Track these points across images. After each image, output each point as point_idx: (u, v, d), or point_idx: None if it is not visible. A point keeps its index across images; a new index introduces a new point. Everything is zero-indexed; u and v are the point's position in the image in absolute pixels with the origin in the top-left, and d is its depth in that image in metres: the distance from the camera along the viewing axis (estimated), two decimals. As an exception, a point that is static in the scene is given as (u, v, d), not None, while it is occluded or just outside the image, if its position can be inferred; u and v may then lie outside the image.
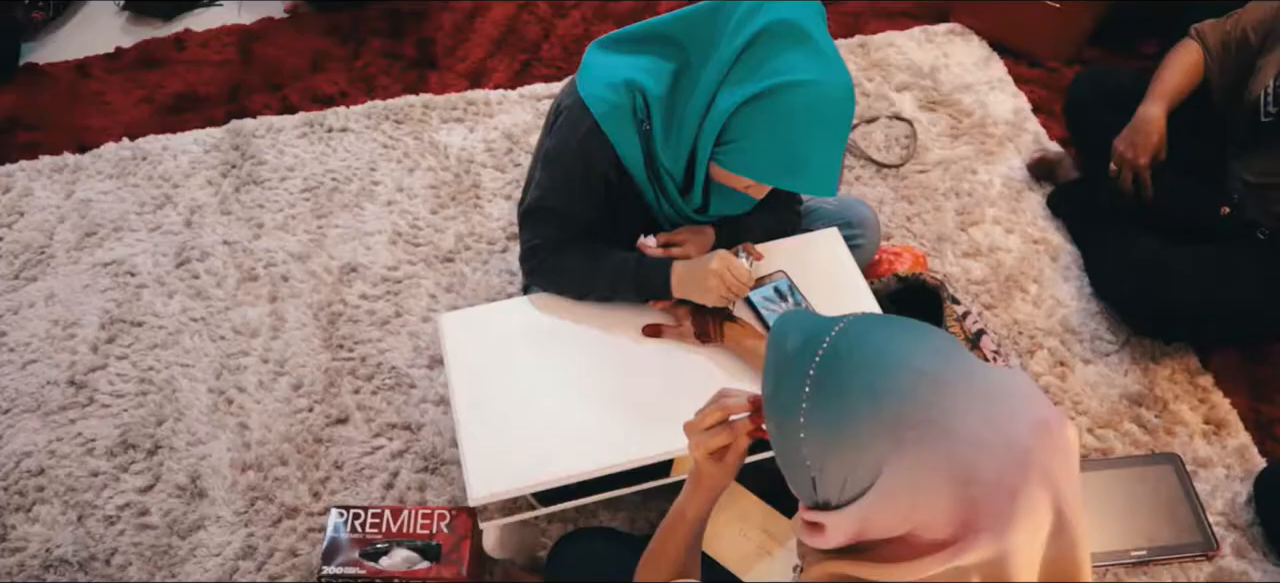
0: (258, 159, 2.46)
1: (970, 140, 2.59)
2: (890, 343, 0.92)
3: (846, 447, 0.87)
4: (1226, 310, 2.03)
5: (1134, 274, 2.11)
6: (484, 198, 2.40)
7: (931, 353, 0.91)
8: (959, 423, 0.85)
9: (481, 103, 2.64)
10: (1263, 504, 1.88)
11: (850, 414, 0.87)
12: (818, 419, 0.89)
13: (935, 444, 0.84)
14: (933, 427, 0.85)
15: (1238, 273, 2.03)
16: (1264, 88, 1.96)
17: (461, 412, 1.61)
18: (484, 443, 1.57)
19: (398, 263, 2.25)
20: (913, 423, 0.85)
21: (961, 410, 0.85)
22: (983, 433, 0.85)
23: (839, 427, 0.88)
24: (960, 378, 0.88)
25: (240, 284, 2.20)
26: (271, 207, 2.36)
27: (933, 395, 0.86)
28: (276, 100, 2.65)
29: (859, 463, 0.87)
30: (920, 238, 2.35)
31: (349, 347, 2.09)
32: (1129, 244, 2.16)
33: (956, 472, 0.84)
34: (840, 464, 0.88)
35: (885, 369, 0.88)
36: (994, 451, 0.85)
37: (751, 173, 1.59)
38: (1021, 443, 0.85)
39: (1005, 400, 0.87)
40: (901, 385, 0.87)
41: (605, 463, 1.56)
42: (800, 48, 1.52)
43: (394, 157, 2.49)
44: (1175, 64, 2.17)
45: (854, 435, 0.87)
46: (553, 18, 2.96)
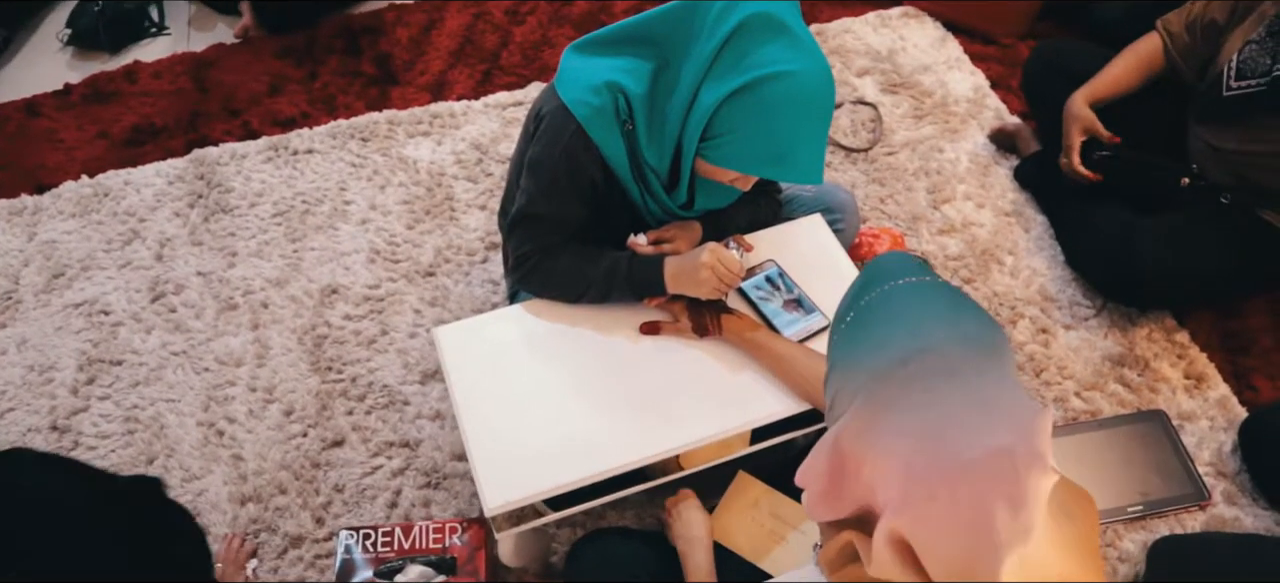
0: (224, 187, 2.42)
1: (934, 120, 2.63)
2: (933, 314, 0.98)
3: (843, 364, 1.00)
4: (1195, 277, 2.09)
5: (1104, 246, 2.17)
6: (459, 210, 2.39)
7: (957, 341, 0.95)
8: (925, 410, 0.91)
9: (446, 115, 2.63)
10: (1248, 452, 1.93)
11: (859, 343, 0.99)
12: (843, 330, 1.04)
13: (899, 413, 0.92)
14: (905, 398, 0.92)
15: (1203, 240, 2.09)
16: (1227, 63, 2.02)
17: (468, 423, 1.60)
18: (494, 452, 1.57)
19: (378, 281, 2.23)
20: (896, 383, 0.93)
21: (933, 401, 0.92)
22: (937, 430, 0.90)
23: (848, 346, 1.01)
24: (962, 375, 0.93)
25: (219, 314, 2.16)
26: (243, 234, 2.32)
27: (925, 375, 0.93)
28: (237, 126, 2.61)
29: (845, 387, 0.98)
30: (895, 219, 2.39)
31: (338, 368, 2.07)
32: (1097, 217, 2.21)
33: (897, 448, 0.91)
34: (835, 378, 1.02)
35: (910, 331, 0.97)
36: (931, 449, 0.90)
37: (739, 166, 1.60)
38: (965, 457, 0.88)
39: (982, 415, 0.91)
40: (906, 351, 0.95)
41: (617, 463, 1.56)
42: (779, 39, 1.53)
43: (364, 175, 2.46)
44: (1123, 57, 2.22)
45: (852, 359, 0.99)
46: (509, 26, 2.95)
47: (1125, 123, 2.20)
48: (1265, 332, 2.20)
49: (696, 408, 1.63)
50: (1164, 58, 2.17)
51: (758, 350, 1.66)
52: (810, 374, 1.61)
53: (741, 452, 1.69)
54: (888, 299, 1.01)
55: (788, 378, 1.64)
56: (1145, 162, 2.18)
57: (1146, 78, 2.20)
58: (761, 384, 1.65)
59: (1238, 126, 2.01)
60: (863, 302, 1.03)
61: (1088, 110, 2.19)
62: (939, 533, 0.88)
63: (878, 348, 0.97)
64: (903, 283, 1.02)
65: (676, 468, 1.67)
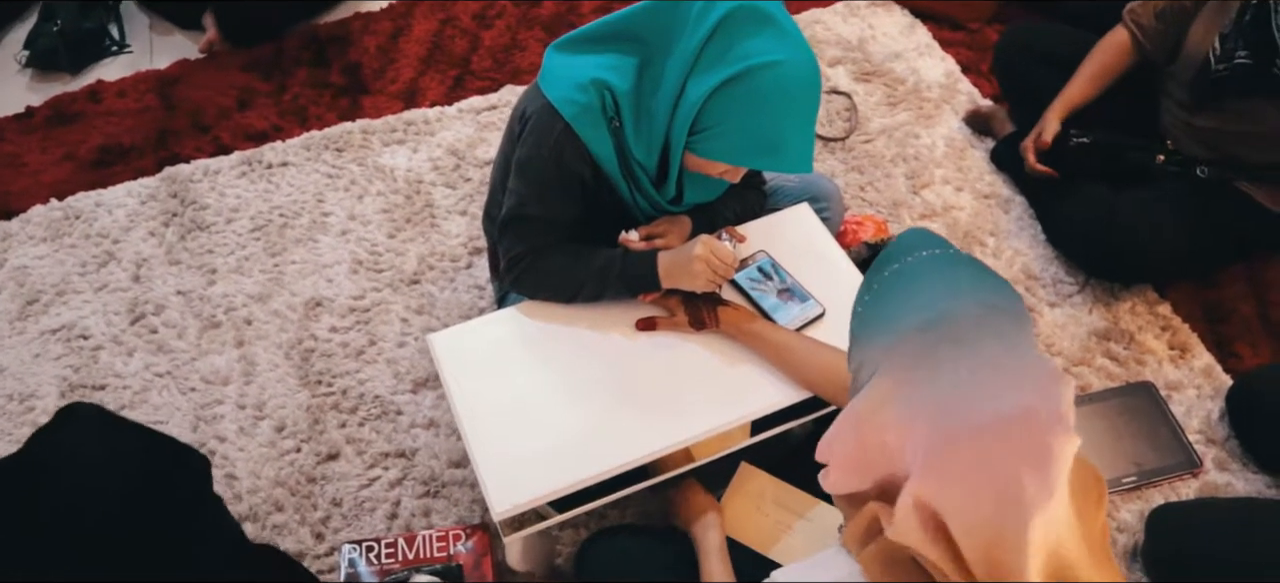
0: (199, 204, 2.38)
1: (908, 107, 2.65)
2: (954, 282, 1.00)
3: (865, 337, 1.02)
4: (1175, 248, 2.13)
5: (1084, 224, 2.20)
6: (439, 216, 2.37)
7: (978, 307, 0.96)
8: (948, 374, 0.93)
9: (420, 122, 2.60)
10: (1236, 418, 1.97)
11: (881, 314, 1.01)
12: (867, 303, 1.05)
13: (922, 378, 0.93)
14: (928, 363, 0.94)
15: (1181, 212, 2.12)
16: (1212, 47, 2.04)
17: (469, 428, 1.59)
18: (497, 457, 1.56)
19: (363, 292, 2.20)
20: (918, 348, 0.95)
21: (956, 365, 0.93)
22: (960, 393, 0.92)
23: (870, 319, 1.03)
24: (983, 339, 0.94)
25: (202, 333, 2.13)
26: (221, 251, 2.29)
27: (947, 340, 0.94)
28: (207, 142, 2.57)
29: (868, 358, 1.00)
30: (876, 206, 2.40)
31: (327, 381, 2.04)
32: (1075, 195, 2.24)
33: (920, 413, 0.92)
34: (857, 351, 1.04)
35: (931, 299, 0.98)
36: (955, 412, 0.91)
37: (729, 157, 1.61)
38: (989, 417, 0.90)
39: (1005, 377, 0.92)
40: (927, 318, 0.96)
41: (621, 461, 1.56)
42: (765, 30, 1.54)
43: (341, 185, 2.43)
44: (1090, 62, 2.26)
45: (875, 331, 1.01)
46: (478, 30, 2.93)
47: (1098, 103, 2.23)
48: (1242, 300, 2.24)
49: (697, 402, 1.63)
50: (1134, 49, 2.20)
51: (756, 341, 1.66)
52: (810, 362, 1.61)
53: (742, 444, 1.69)
54: (909, 272, 1.02)
55: (787, 367, 1.64)
56: (1120, 141, 2.21)
57: (1117, 76, 2.24)
58: (760, 375, 1.65)
59: (1218, 104, 2.05)
60: (885, 273, 1.05)
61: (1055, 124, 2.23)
62: (964, 496, 0.89)
63: (899, 317, 0.98)
64: (924, 256, 1.03)
65: (678, 463, 1.67)
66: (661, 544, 1.58)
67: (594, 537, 1.60)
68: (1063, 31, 2.46)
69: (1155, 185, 2.17)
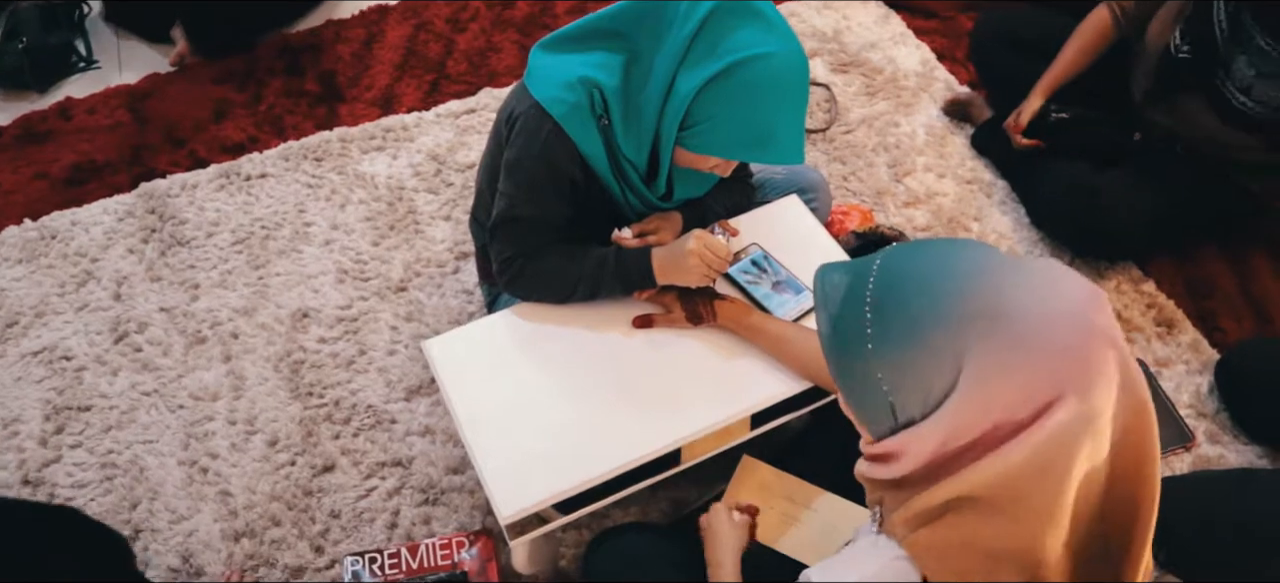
0: (178, 219, 2.34)
1: (886, 96, 2.66)
2: (934, 254, 0.98)
3: (922, 355, 0.91)
4: (1159, 223, 2.15)
5: (1069, 203, 2.23)
6: (423, 222, 2.35)
7: (972, 252, 0.96)
8: (1018, 304, 0.90)
9: (398, 128, 2.58)
10: (1225, 391, 1.99)
11: (918, 324, 0.92)
12: (887, 339, 0.94)
13: (1003, 328, 0.89)
14: (996, 313, 0.89)
15: (1161, 187, 2.15)
16: (1172, 36, 2.07)
17: (470, 433, 1.57)
18: (500, 461, 1.54)
19: (350, 301, 2.18)
20: (977, 314, 0.90)
21: (1016, 293, 0.91)
22: (1041, 308, 0.90)
23: (910, 338, 0.92)
24: (1005, 267, 0.94)
25: (188, 349, 2.10)
26: (204, 265, 2.25)
27: (986, 286, 0.91)
28: (183, 156, 2.53)
29: (938, 368, 0.91)
30: (859, 195, 2.41)
31: (318, 393, 2.01)
32: (1057, 175, 2.27)
33: (1028, 347, 0.88)
34: (919, 375, 0.92)
35: (938, 275, 0.94)
36: (1056, 320, 0.89)
37: (720, 151, 1.60)
38: (1078, 309, 0.90)
39: (1050, 277, 0.93)
40: (957, 285, 0.92)
41: (625, 460, 1.55)
42: (753, 23, 1.54)
43: (321, 195, 2.41)
44: (1072, 43, 2.28)
45: (926, 343, 0.91)
46: (451, 34, 2.91)
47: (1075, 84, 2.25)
48: (1223, 275, 2.27)
49: (698, 397, 1.63)
50: (1114, 30, 2.22)
51: (754, 334, 1.66)
52: (809, 352, 1.61)
53: (742, 438, 1.68)
54: (890, 277, 0.96)
55: (787, 358, 1.64)
56: (1097, 119, 2.23)
57: (1098, 56, 2.26)
58: (759, 368, 1.65)
59: (1168, 99, 2.09)
60: (868, 300, 0.96)
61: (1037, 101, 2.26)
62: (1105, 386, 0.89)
63: (935, 302, 0.92)
64: (880, 260, 0.98)
65: (678, 460, 1.66)
66: (669, 541, 1.57)
67: (601, 536, 1.59)
68: (1037, 15, 2.48)
69: (1135, 162, 2.20)
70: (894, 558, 1.03)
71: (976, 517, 0.95)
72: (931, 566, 1.00)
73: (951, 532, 0.97)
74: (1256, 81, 1.94)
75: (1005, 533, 0.93)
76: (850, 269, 1.01)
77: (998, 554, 0.95)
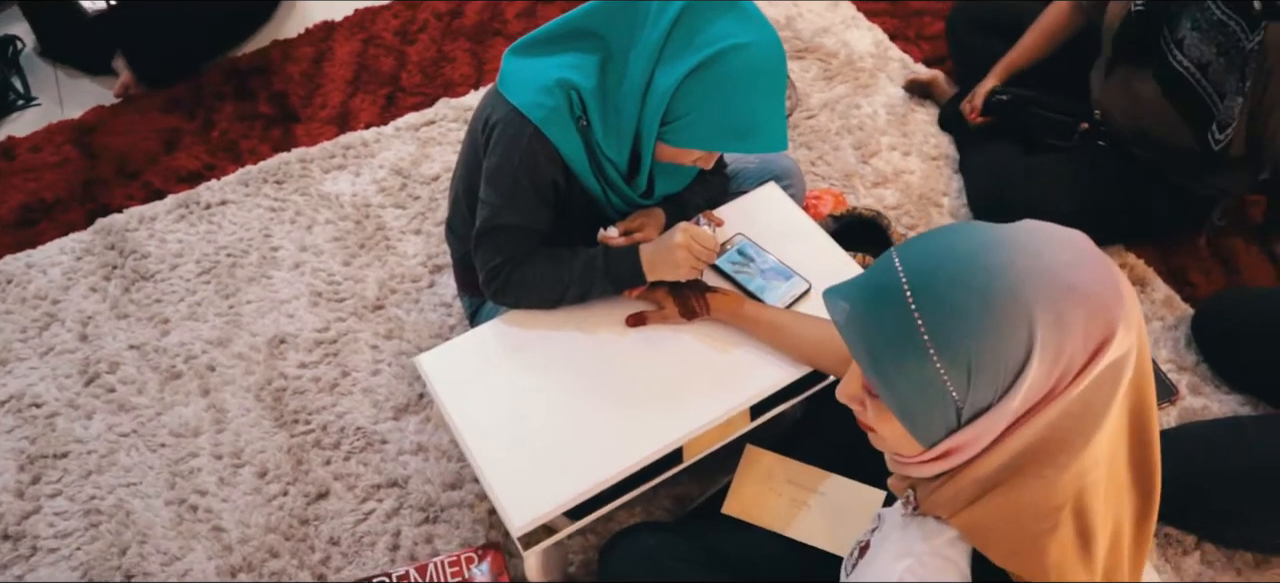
0: (139, 253, 2.28)
1: (845, 79, 2.68)
2: (955, 237, 0.97)
3: (992, 340, 0.89)
4: (1075, 214, 2.15)
5: (982, 182, 2.26)
6: (393, 238, 2.31)
7: (983, 228, 0.96)
8: (1052, 258, 0.91)
9: (358, 145, 2.54)
10: (1203, 343, 2.04)
11: (979, 312, 0.89)
12: (949, 332, 0.90)
13: (1052, 285, 0.89)
14: (1042, 273, 0.90)
15: (1089, 178, 2.17)
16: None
17: (474, 447, 1.55)
18: (507, 472, 1.53)
19: (327, 324, 2.13)
20: (1026, 280, 0.89)
21: (1044, 249, 0.91)
22: (1071, 254, 0.92)
23: (975, 328, 0.89)
24: (1018, 230, 0.95)
25: (164, 386, 2.04)
26: (171, 298, 2.19)
27: (1021, 253, 0.91)
28: (138, 189, 2.46)
29: (1013, 342, 0.89)
30: (829, 179, 2.42)
31: (304, 419, 1.97)
32: (985, 155, 2.30)
33: (1078, 293, 0.89)
34: (993, 361, 0.90)
35: (979, 251, 0.92)
36: (1086, 261, 0.92)
37: (704, 144, 1.60)
38: (1089, 246, 0.94)
39: (1050, 230, 0.95)
40: (1001, 256, 0.91)
41: (632, 460, 1.54)
42: (728, 14, 1.54)
43: (286, 218, 2.36)
44: (1032, 33, 2.32)
45: (994, 326, 0.89)
46: (402, 46, 2.87)
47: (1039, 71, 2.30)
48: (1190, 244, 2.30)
49: (697, 391, 1.62)
50: (1076, 16, 2.26)
51: (749, 323, 1.66)
52: (806, 336, 1.61)
53: (743, 429, 1.68)
54: (925, 279, 0.92)
55: (783, 344, 1.64)
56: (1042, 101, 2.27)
57: (1061, 40, 2.30)
58: (755, 358, 1.65)
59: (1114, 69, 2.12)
60: (914, 311, 0.92)
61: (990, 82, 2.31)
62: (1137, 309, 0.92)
63: (987, 285, 0.89)
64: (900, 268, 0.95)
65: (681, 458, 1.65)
66: (683, 538, 1.56)
67: (615, 538, 1.58)
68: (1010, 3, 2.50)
69: (1071, 152, 2.22)
70: (947, 541, 1.03)
71: (1024, 479, 0.95)
72: (987, 541, 0.99)
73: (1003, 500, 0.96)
74: (1190, 34, 1.97)
75: (1055, 485, 0.94)
76: (866, 282, 0.98)
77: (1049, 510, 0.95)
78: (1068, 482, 0.93)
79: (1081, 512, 0.95)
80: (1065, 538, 0.96)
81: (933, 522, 1.06)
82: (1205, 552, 1.77)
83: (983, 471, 0.96)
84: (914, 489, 1.11)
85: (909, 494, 1.11)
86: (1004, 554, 0.98)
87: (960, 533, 1.01)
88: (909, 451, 1.01)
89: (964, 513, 0.99)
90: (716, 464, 1.70)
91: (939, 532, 1.04)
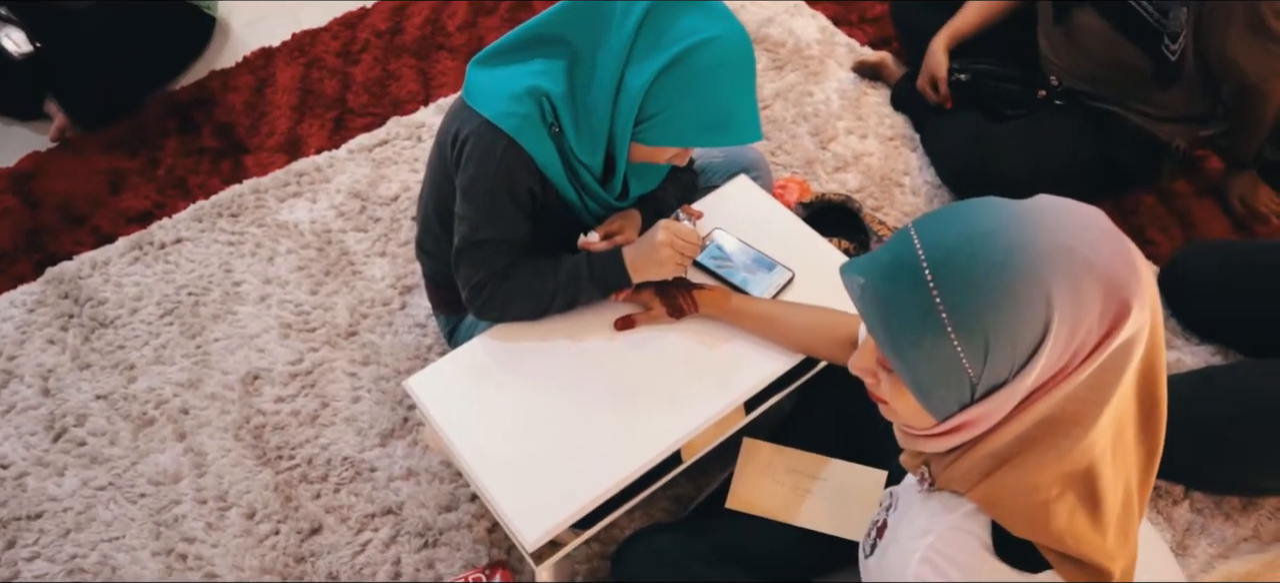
0: (96, 300, 2.20)
1: (794, 68, 2.70)
2: (974, 213, 0.98)
3: (1010, 318, 0.90)
4: (1046, 175, 2.22)
5: (959, 154, 2.30)
6: (358, 262, 2.27)
7: (1002, 203, 0.97)
8: (1070, 236, 0.92)
9: (312, 171, 2.49)
10: (1170, 298, 2.08)
11: (997, 289, 0.90)
12: (968, 316, 0.92)
13: (1071, 263, 0.90)
14: (1061, 251, 0.91)
15: (1054, 140, 2.23)
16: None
17: (476, 467, 1.53)
18: (513, 489, 1.51)
19: (300, 355, 2.09)
20: (1051, 250, 0.91)
21: (1062, 227, 0.92)
22: (1089, 230, 0.93)
23: (993, 305, 0.90)
24: (1036, 207, 0.96)
25: (137, 434, 1.97)
26: (134, 343, 2.13)
27: (1040, 231, 0.92)
28: (86, 234, 2.38)
29: (1030, 317, 0.90)
30: (790, 168, 2.44)
31: (288, 454, 1.92)
32: (953, 127, 2.34)
33: (1095, 270, 0.90)
34: (1010, 338, 0.91)
35: (999, 228, 0.93)
36: (1103, 237, 0.93)
37: (680, 140, 1.60)
38: (1105, 222, 0.95)
39: (1068, 206, 0.96)
40: (1016, 240, 0.91)
41: (634, 466, 1.54)
42: (694, 9, 1.55)
43: (246, 251, 2.30)
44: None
45: (1011, 302, 0.90)
46: (345, 67, 2.82)
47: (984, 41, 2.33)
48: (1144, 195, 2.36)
49: (694, 390, 1.62)
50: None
51: (739, 317, 1.66)
52: (798, 324, 1.63)
53: (740, 424, 1.68)
54: (943, 255, 0.93)
55: (776, 334, 1.65)
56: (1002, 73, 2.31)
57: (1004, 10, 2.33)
58: (745, 352, 1.66)
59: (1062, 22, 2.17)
60: (932, 287, 0.93)
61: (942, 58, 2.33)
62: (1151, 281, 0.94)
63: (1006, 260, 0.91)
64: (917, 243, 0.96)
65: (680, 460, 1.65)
66: (693, 536, 1.56)
67: (627, 542, 1.57)
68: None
69: (1032, 116, 2.27)
70: (966, 514, 1.04)
71: (1038, 452, 0.97)
72: (1004, 512, 1.01)
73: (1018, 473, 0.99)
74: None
75: (1068, 457, 0.96)
76: (884, 258, 0.98)
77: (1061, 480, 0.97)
78: (1080, 453, 0.96)
79: (1092, 479, 0.98)
80: (1078, 506, 0.98)
81: (950, 496, 1.07)
82: (1194, 500, 1.82)
83: (996, 444, 0.98)
84: (928, 465, 1.12)
85: (924, 471, 1.12)
86: (1021, 525, 1.01)
87: (981, 506, 1.03)
88: (921, 424, 1.03)
89: (980, 486, 1.01)
90: (712, 461, 1.70)
91: (957, 505, 1.06)
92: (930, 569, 1.02)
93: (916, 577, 1.02)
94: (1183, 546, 1.75)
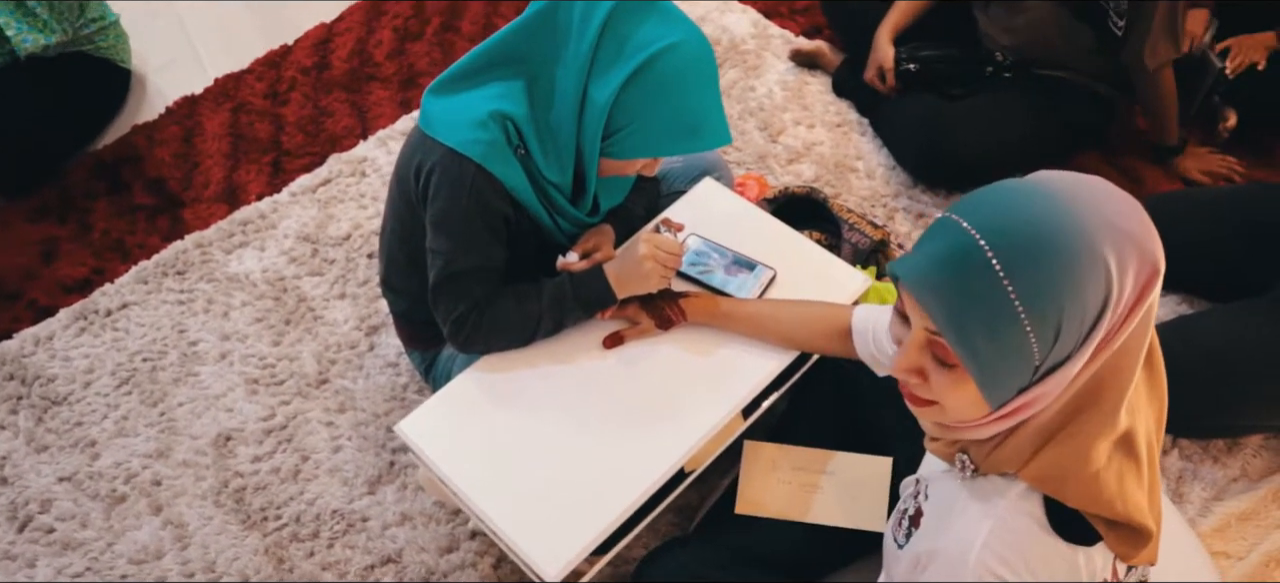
0: (45, 377, 2.10)
1: (732, 64, 2.70)
2: (1023, 194, 0.97)
3: (1078, 297, 0.91)
4: (1004, 147, 2.27)
5: (917, 134, 2.33)
6: (318, 307, 2.20)
7: (1035, 188, 0.97)
8: (1107, 208, 0.93)
9: (256, 218, 2.41)
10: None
11: (1064, 271, 0.91)
12: (1040, 301, 0.92)
13: (1115, 234, 0.92)
14: (1106, 225, 0.92)
15: (1006, 112, 2.27)
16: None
17: (483, 504, 1.49)
18: (525, 524, 1.48)
19: (271, 410, 2.02)
20: (1098, 234, 0.91)
21: (1096, 201, 0.94)
22: (1116, 203, 0.95)
23: (1063, 289, 0.91)
24: (1067, 184, 0.96)
25: (109, 513, 1.89)
26: (92, 418, 2.03)
27: (1084, 208, 0.93)
28: (23, 309, 2.27)
29: (1092, 300, 0.91)
30: (744, 165, 2.44)
31: (274, 514, 1.86)
32: (908, 109, 2.37)
33: (1132, 241, 0.92)
34: (1078, 316, 0.92)
35: (1046, 221, 0.93)
36: (1128, 208, 0.95)
37: (651, 151, 1.58)
38: (1120, 191, 0.97)
39: (1089, 181, 0.97)
40: (1069, 221, 0.92)
41: (646, 483, 1.52)
42: (651, 17, 1.53)
43: (198, 308, 2.22)
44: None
45: (1078, 282, 0.91)
46: (274, 108, 2.74)
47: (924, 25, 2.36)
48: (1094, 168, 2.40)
49: (692, 400, 1.60)
50: None
51: (729, 321, 1.65)
52: (789, 321, 1.62)
53: (740, 429, 1.67)
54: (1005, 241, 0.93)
55: (768, 333, 1.64)
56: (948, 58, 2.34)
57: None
58: (737, 357, 1.65)
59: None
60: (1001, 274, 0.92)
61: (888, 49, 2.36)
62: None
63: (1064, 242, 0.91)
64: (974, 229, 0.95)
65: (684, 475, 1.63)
66: (711, 546, 1.55)
67: (646, 560, 1.55)
68: None
69: (982, 93, 2.31)
70: (1019, 494, 1.04)
71: (1083, 421, 0.99)
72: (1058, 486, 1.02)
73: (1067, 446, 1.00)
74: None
75: (1111, 421, 0.98)
76: (940, 252, 0.96)
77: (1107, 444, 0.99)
78: (1121, 416, 0.98)
79: (1131, 439, 1.01)
80: (1124, 467, 1.01)
81: (998, 478, 1.07)
82: (1182, 447, 1.86)
83: (1042, 420, 1.00)
84: (967, 452, 1.12)
85: (963, 459, 1.12)
86: (1075, 495, 1.01)
87: (1035, 485, 1.03)
88: (974, 415, 1.02)
89: (1031, 465, 1.02)
90: (711, 468, 1.68)
91: (1009, 487, 1.06)
92: (996, 559, 1.01)
93: (979, 566, 1.02)
94: (1178, 493, 1.80)
